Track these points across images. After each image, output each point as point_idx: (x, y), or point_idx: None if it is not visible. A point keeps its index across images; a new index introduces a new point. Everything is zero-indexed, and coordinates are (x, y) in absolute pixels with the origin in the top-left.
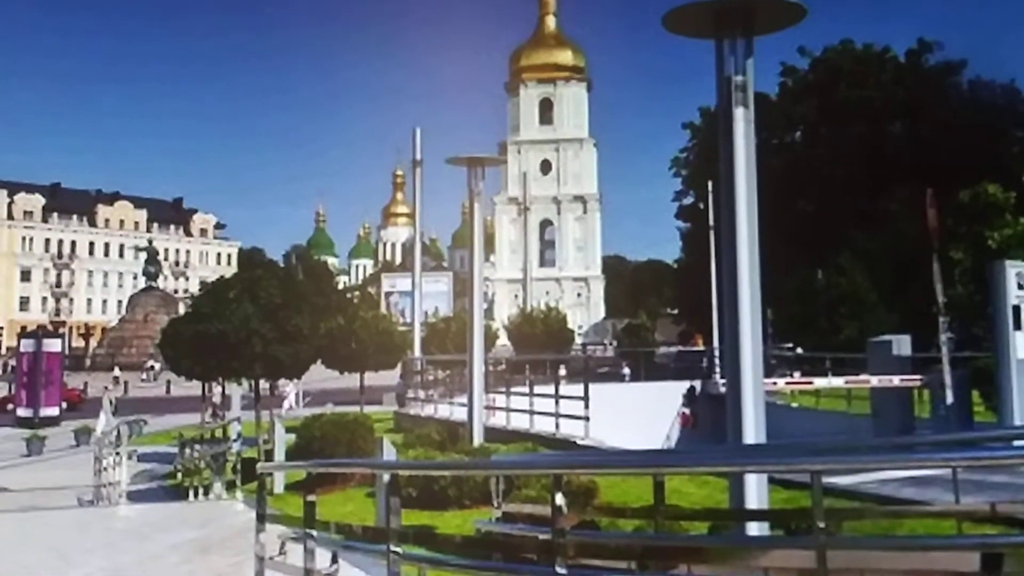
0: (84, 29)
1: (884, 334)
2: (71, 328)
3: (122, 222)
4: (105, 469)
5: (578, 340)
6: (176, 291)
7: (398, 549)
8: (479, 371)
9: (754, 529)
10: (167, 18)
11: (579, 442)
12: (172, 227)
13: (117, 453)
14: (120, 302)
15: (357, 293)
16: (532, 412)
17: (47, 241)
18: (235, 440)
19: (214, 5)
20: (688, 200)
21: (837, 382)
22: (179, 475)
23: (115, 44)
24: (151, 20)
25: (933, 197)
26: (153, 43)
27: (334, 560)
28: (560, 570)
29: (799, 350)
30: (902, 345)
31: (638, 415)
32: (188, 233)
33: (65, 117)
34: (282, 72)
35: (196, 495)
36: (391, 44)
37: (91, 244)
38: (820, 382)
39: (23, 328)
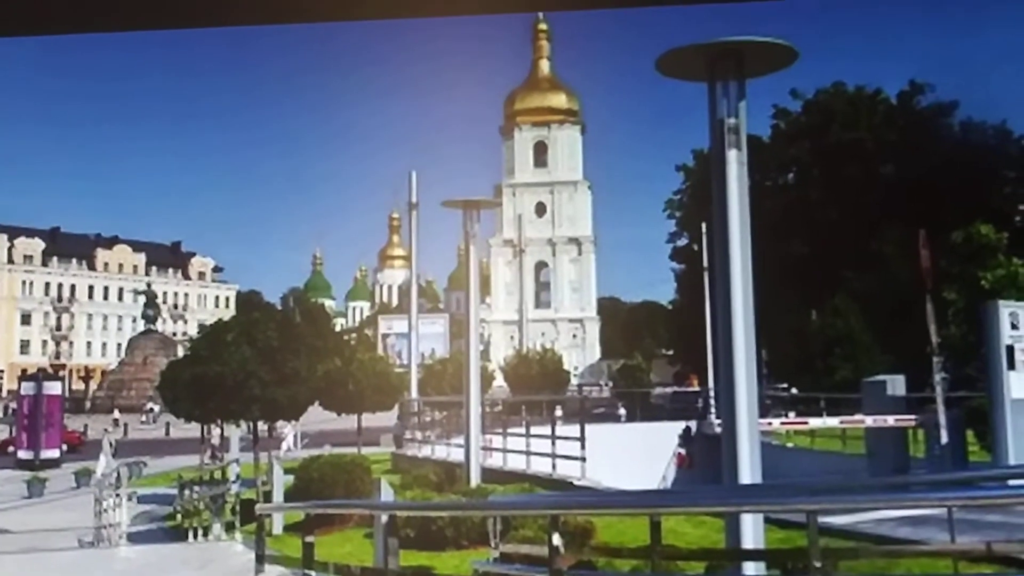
0: (83, 72)
1: (878, 374)
2: (71, 371)
3: (121, 266)
4: (105, 511)
5: (574, 381)
6: (175, 334)
7: None
8: (476, 412)
9: (751, 569)
10: (166, 59)
11: (576, 483)
12: (170, 270)
13: (117, 495)
14: (119, 345)
15: (354, 335)
16: (529, 453)
17: (47, 285)
18: (234, 481)
19: (213, 47)
20: (682, 242)
21: (832, 422)
22: (179, 516)
23: (114, 86)
24: (150, 61)
25: (926, 238)
26: (152, 84)
27: None
28: None
29: (794, 390)
30: (896, 385)
31: (634, 456)
32: (186, 276)
33: (64, 160)
34: (280, 116)
35: (196, 536)
36: (387, 90)
37: (90, 288)
38: (815, 422)
39: (23, 371)
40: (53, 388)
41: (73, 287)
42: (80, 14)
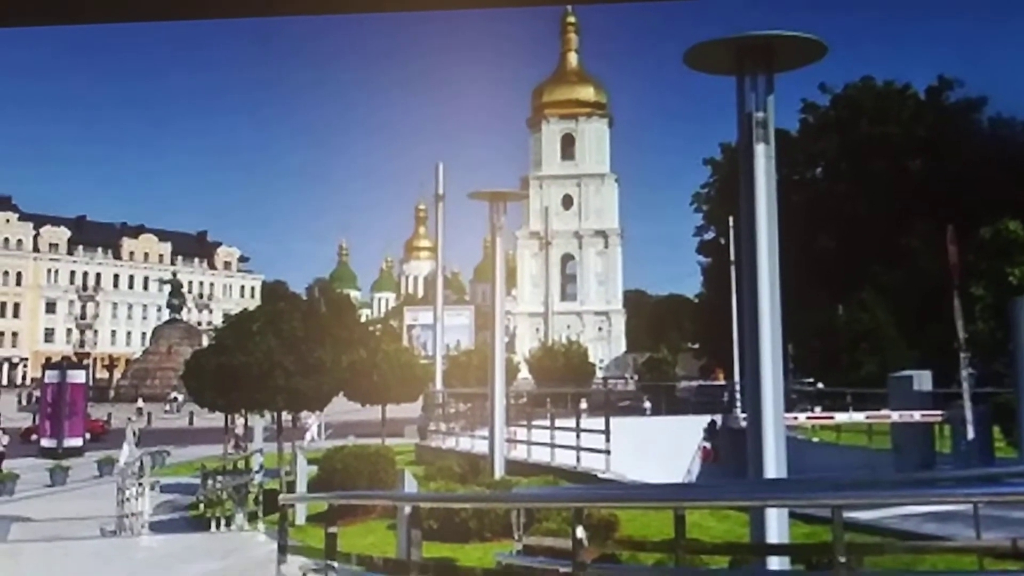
0: (111, 68)
1: (905, 370)
2: (95, 359)
3: (146, 255)
4: (128, 500)
5: (599, 374)
6: (200, 323)
7: None
8: (500, 404)
9: (775, 564)
10: (192, 54)
11: (600, 475)
12: (196, 260)
13: (140, 484)
14: (144, 334)
15: (379, 326)
16: (553, 445)
17: (72, 273)
18: (257, 471)
19: (239, 40)
20: (709, 235)
21: (858, 417)
22: (201, 506)
23: (140, 80)
24: (176, 56)
25: (954, 234)
26: (178, 79)
27: None
28: None
29: (820, 385)
30: (923, 381)
31: (659, 449)
32: (212, 266)
33: (90, 149)
34: (306, 108)
35: (218, 526)
36: (414, 81)
37: (116, 276)
38: (841, 417)
39: (48, 359)
40: (77, 376)
41: (98, 276)
42: (82, 5)
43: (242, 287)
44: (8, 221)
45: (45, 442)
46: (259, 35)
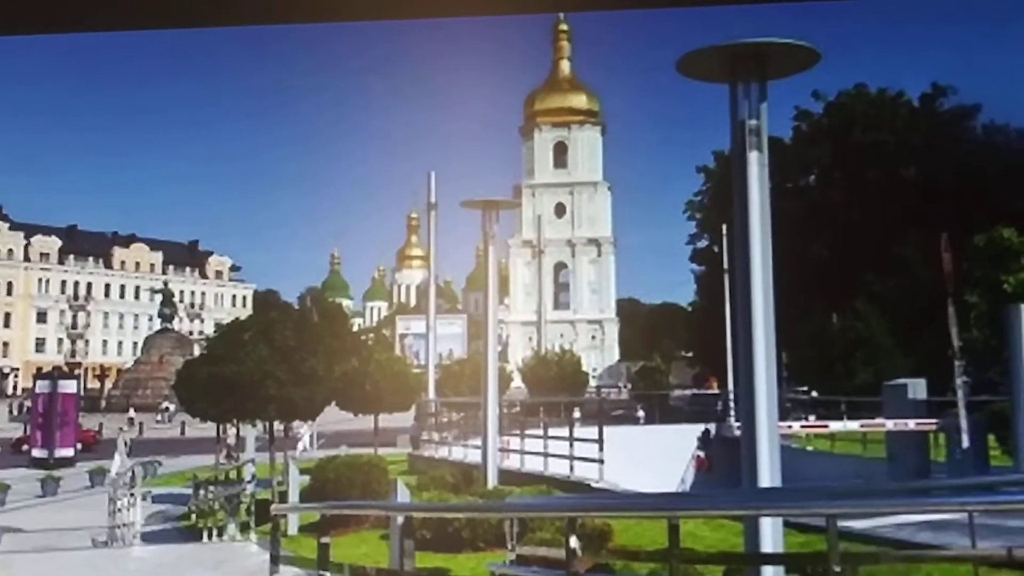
0: (103, 76)
1: (899, 378)
2: (86, 369)
3: (138, 264)
4: (119, 510)
5: (592, 383)
6: (191, 333)
7: None
8: (493, 413)
9: (769, 573)
10: (185, 62)
11: (594, 485)
12: (188, 269)
13: (131, 494)
14: (135, 344)
15: (372, 335)
16: (546, 454)
17: (63, 283)
18: (249, 482)
19: (231, 49)
20: (703, 243)
21: (852, 426)
22: (193, 516)
23: (133, 89)
24: (169, 64)
25: (948, 241)
26: (171, 87)
27: None
28: None
29: (814, 394)
30: (917, 389)
31: (653, 458)
32: (203, 275)
33: (82, 158)
34: (299, 116)
35: (210, 536)
36: (406, 89)
37: (107, 286)
38: (835, 426)
39: (39, 369)
40: (68, 387)
41: (89, 285)
42: (76, 13)
43: (234, 296)
44: None
45: (36, 452)
46: (251, 44)
